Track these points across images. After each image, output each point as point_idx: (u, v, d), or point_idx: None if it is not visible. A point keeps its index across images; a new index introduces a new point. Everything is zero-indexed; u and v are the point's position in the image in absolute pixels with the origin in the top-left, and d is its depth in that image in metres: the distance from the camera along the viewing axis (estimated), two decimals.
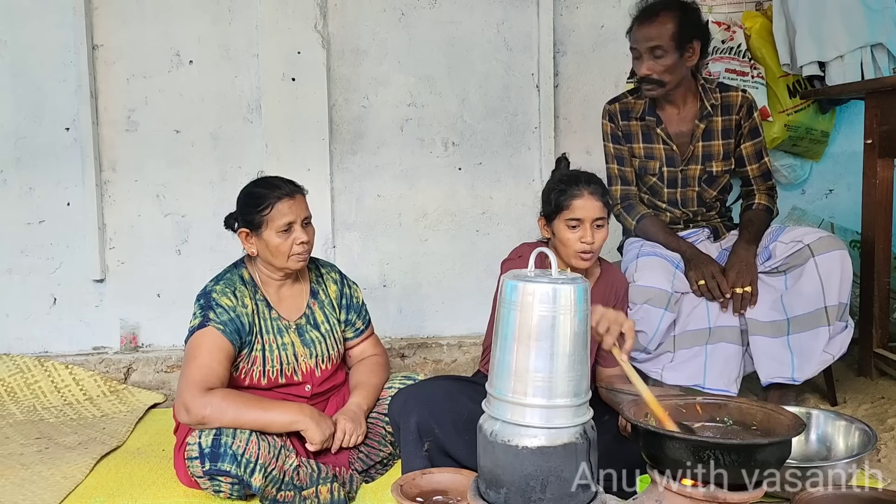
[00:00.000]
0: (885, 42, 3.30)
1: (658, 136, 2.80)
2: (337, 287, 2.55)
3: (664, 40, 2.63)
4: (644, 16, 2.68)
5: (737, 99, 2.77)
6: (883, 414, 2.67)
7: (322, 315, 2.48)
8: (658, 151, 2.81)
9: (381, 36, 3.48)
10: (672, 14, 2.66)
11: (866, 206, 3.04)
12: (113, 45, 3.36)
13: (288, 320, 2.42)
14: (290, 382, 2.38)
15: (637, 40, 2.69)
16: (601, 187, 2.28)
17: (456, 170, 3.56)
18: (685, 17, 2.67)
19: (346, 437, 2.29)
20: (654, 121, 2.79)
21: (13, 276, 3.41)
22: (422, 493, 1.91)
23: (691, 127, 2.78)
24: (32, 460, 2.54)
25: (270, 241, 2.31)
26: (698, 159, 2.79)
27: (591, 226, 2.23)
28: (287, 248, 2.32)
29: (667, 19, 2.64)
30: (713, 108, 2.76)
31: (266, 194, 2.33)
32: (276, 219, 2.30)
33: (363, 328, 2.58)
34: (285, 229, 2.31)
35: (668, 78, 2.68)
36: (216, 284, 2.35)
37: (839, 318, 2.54)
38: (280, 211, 2.31)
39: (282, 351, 2.37)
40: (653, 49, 2.65)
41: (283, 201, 2.31)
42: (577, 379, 1.61)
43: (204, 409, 2.15)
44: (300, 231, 2.33)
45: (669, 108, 2.79)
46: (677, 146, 2.80)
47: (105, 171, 3.40)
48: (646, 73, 2.68)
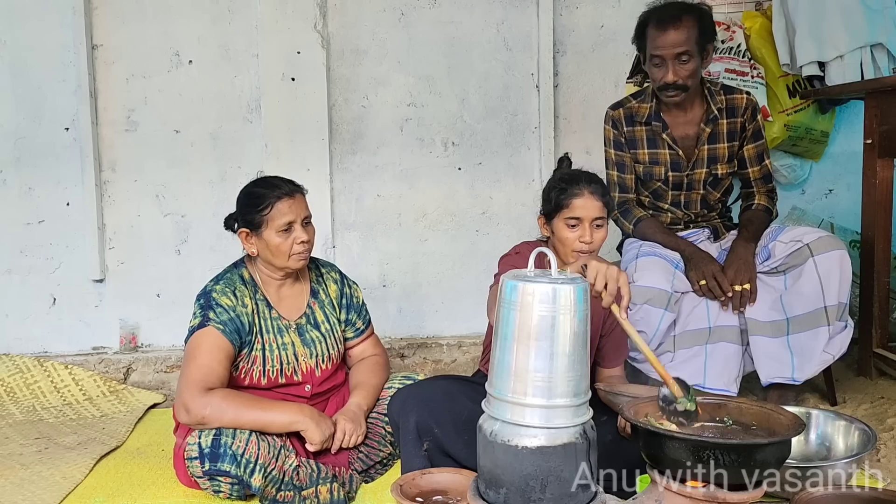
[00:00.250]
0: (884, 42, 3.30)
1: (664, 140, 2.78)
2: (337, 287, 2.55)
3: (690, 45, 2.60)
4: (667, 21, 2.62)
5: (742, 101, 2.77)
6: (882, 414, 2.67)
7: (322, 315, 2.48)
8: (663, 156, 2.79)
9: (380, 36, 3.48)
10: (693, 17, 2.63)
11: (866, 205, 3.04)
12: (112, 45, 3.36)
13: (288, 320, 2.42)
14: (290, 382, 2.38)
15: (660, 47, 2.63)
16: (602, 187, 2.28)
17: (456, 170, 3.56)
18: (703, 19, 2.66)
19: (346, 437, 2.29)
20: (661, 126, 2.77)
21: (13, 276, 3.40)
22: (421, 493, 1.91)
23: (697, 131, 2.77)
24: (32, 460, 2.54)
25: (271, 240, 2.31)
26: (703, 163, 2.78)
27: (591, 225, 2.23)
28: (287, 248, 2.32)
29: (690, 23, 2.61)
30: (719, 111, 2.75)
31: (266, 194, 2.32)
32: (276, 218, 2.30)
33: (363, 328, 2.58)
34: (285, 229, 2.31)
35: (691, 83, 2.66)
36: (216, 284, 2.35)
37: (839, 317, 2.54)
38: (280, 210, 2.30)
39: (282, 351, 2.37)
40: (679, 55, 2.61)
41: (283, 201, 2.31)
42: (577, 379, 1.61)
43: (204, 409, 2.15)
44: (300, 230, 2.33)
45: (676, 112, 2.77)
46: (683, 150, 2.78)
47: (105, 171, 3.40)
48: (673, 80, 2.63)
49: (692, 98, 2.74)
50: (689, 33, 2.60)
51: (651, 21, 2.67)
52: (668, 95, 2.69)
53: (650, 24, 2.66)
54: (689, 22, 2.61)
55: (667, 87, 2.66)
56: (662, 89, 2.68)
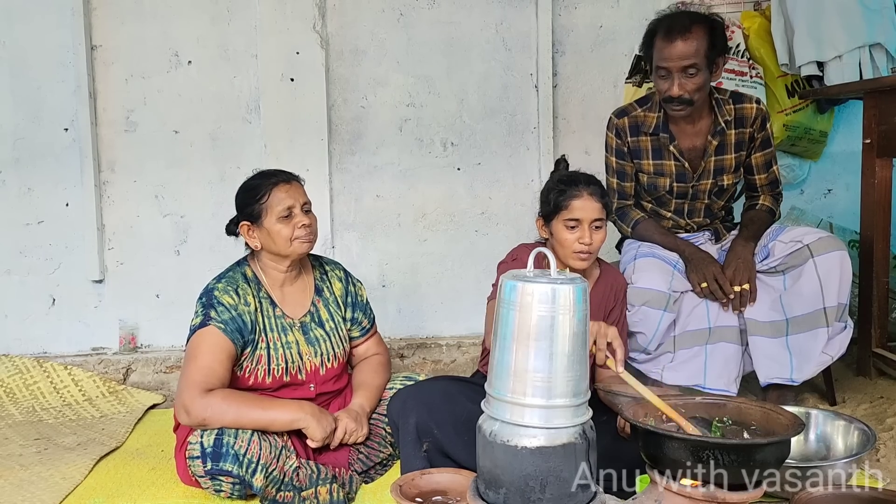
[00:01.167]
0: (883, 42, 3.31)
1: (670, 152, 2.71)
2: (342, 285, 2.54)
3: (699, 58, 2.49)
4: (676, 32, 2.50)
5: (751, 111, 2.69)
6: (882, 414, 2.67)
7: (327, 313, 2.48)
8: (668, 168, 2.73)
9: (379, 36, 3.48)
10: (704, 28, 2.52)
11: (865, 205, 3.03)
12: (111, 46, 3.36)
13: (292, 318, 2.41)
14: (295, 381, 2.37)
15: (667, 58, 2.52)
16: (600, 188, 2.28)
17: (455, 170, 3.56)
18: (714, 31, 2.54)
19: (346, 434, 2.29)
20: (668, 137, 2.69)
21: (12, 277, 3.40)
22: (421, 493, 1.91)
23: (704, 142, 2.69)
24: (31, 461, 2.53)
25: (272, 228, 2.31)
26: (710, 174, 2.72)
27: (590, 227, 2.23)
28: (289, 233, 2.31)
29: (700, 35, 2.50)
30: (727, 123, 2.67)
31: (261, 183, 2.35)
32: (274, 205, 2.31)
33: (369, 327, 2.58)
34: (286, 215, 2.31)
35: (697, 97, 2.55)
36: (218, 282, 2.34)
37: (838, 318, 2.53)
38: (277, 197, 2.32)
39: (286, 350, 2.36)
40: (686, 68, 2.50)
41: (279, 187, 2.33)
42: (576, 379, 1.61)
43: (204, 411, 2.15)
44: (301, 215, 2.33)
45: (683, 124, 2.68)
46: (689, 162, 2.71)
47: (104, 171, 3.40)
48: (678, 94, 2.53)
49: (699, 109, 2.65)
50: (699, 45, 2.49)
51: (659, 31, 2.56)
52: (673, 109, 2.60)
53: (658, 34, 2.56)
54: (698, 33, 2.50)
55: (671, 101, 2.57)
56: (667, 102, 2.59)
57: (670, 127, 2.71)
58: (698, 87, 2.54)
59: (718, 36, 2.57)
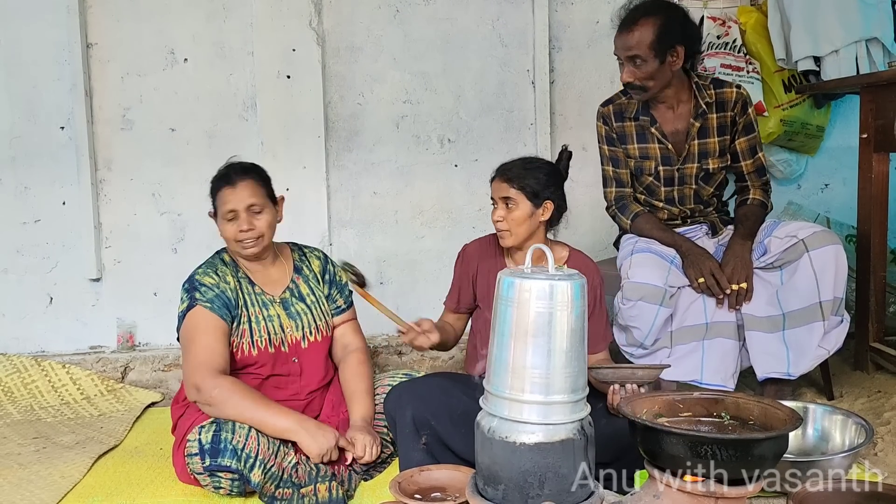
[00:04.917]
0: (879, 36, 3.31)
1: (653, 135, 2.77)
2: (320, 262, 2.59)
3: (642, 49, 2.58)
4: (623, 24, 2.64)
5: (731, 95, 2.75)
6: (879, 408, 2.68)
7: (307, 288, 2.52)
8: (653, 151, 2.79)
9: (375, 33, 3.48)
10: (651, 21, 2.58)
11: (862, 200, 3.04)
12: (107, 44, 3.35)
13: (272, 295, 2.45)
14: (279, 353, 2.40)
15: (616, 48, 2.67)
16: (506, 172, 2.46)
17: (452, 166, 3.56)
18: (666, 23, 2.59)
19: (367, 449, 2.27)
20: (648, 120, 2.77)
21: (9, 276, 3.39)
22: (420, 489, 1.92)
23: (686, 125, 2.76)
24: (30, 460, 2.53)
25: (220, 227, 2.39)
26: (694, 157, 2.78)
27: (500, 203, 2.43)
28: (231, 235, 2.36)
29: (645, 28, 2.58)
30: (708, 106, 2.74)
31: (215, 182, 2.41)
32: (220, 206, 2.37)
33: (345, 307, 2.59)
34: (230, 217, 2.35)
35: (650, 84, 2.65)
36: (198, 269, 2.42)
37: (834, 312, 2.54)
38: (222, 199, 2.36)
39: (268, 322, 2.40)
40: (632, 58, 2.62)
41: (224, 190, 2.36)
42: (575, 375, 1.62)
43: (213, 388, 2.20)
44: (243, 219, 2.34)
45: (663, 108, 2.77)
46: (673, 145, 2.77)
47: (100, 169, 3.39)
48: (628, 80, 2.66)
49: (678, 94, 2.73)
50: (642, 37, 2.57)
51: (616, 21, 2.70)
52: (630, 93, 2.74)
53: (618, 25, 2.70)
54: (644, 26, 2.58)
55: (626, 86, 2.71)
56: (625, 87, 2.74)
57: (651, 111, 2.78)
58: (648, 75, 2.63)
59: (671, 27, 2.61)
